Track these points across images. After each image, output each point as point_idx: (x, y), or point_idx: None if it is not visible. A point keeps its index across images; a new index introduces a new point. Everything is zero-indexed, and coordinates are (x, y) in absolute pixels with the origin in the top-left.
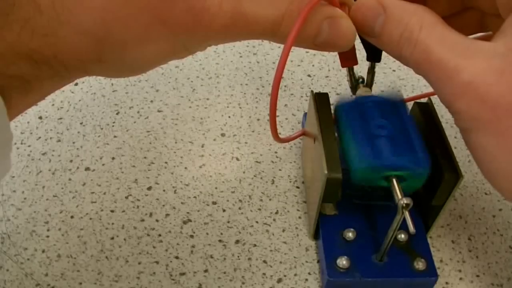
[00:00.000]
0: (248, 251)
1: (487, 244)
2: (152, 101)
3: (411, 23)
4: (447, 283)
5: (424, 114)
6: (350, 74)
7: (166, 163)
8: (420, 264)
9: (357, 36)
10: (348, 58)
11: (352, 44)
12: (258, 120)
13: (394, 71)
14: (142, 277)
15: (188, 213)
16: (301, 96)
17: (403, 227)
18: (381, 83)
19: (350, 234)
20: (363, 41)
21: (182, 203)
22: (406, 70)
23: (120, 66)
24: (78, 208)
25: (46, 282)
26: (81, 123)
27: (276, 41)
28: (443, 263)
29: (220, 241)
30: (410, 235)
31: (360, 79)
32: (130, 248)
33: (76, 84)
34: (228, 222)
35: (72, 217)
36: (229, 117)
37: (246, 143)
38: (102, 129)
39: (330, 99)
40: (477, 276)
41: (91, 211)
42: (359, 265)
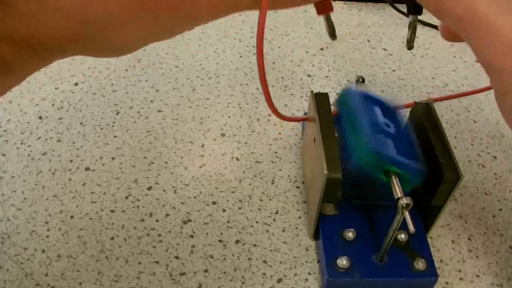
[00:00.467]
0: (248, 251)
1: (487, 244)
2: (152, 101)
3: None
4: (447, 283)
5: (424, 114)
6: (327, 21)
7: (166, 163)
8: (420, 264)
9: None
10: (324, 6)
11: None
12: (258, 120)
13: (394, 71)
14: (142, 277)
15: (188, 213)
16: (301, 96)
17: (403, 227)
18: (381, 83)
19: (350, 234)
20: None
21: (182, 203)
22: (406, 70)
23: (101, 47)
24: (78, 208)
25: (46, 282)
26: (81, 123)
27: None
28: (443, 263)
29: (220, 241)
30: (410, 235)
31: (360, 79)
32: (130, 248)
33: (76, 84)
34: (228, 222)
35: (72, 217)
36: (229, 117)
37: (246, 143)
38: (102, 129)
39: (330, 99)
40: (477, 276)
41: (91, 211)
42: (359, 265)
